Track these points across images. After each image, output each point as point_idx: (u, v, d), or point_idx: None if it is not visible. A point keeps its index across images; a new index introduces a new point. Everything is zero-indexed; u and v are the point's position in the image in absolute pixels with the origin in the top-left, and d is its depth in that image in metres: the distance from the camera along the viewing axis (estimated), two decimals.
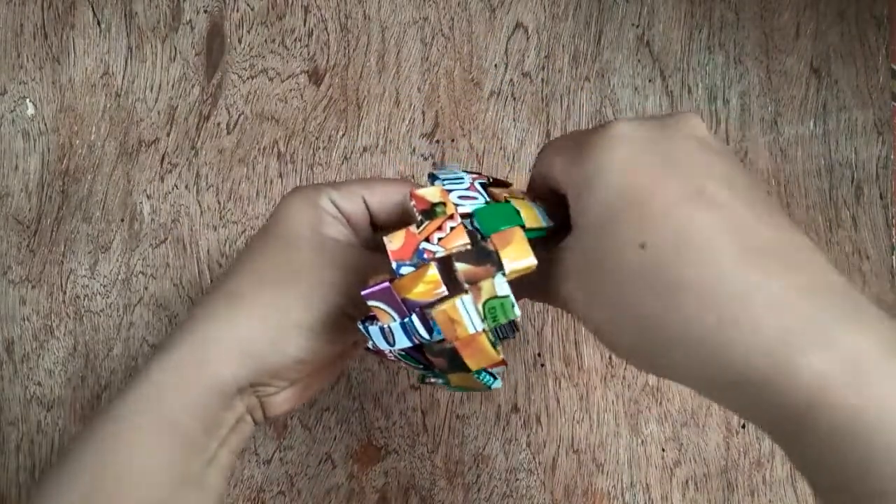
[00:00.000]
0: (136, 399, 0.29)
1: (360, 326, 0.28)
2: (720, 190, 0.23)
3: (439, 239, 0.26)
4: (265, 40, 0.47)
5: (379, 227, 0.33)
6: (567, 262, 0.26)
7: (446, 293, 0.26)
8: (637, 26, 0.47)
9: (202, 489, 0.30)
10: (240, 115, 0.47)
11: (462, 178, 0.29)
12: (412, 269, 0.26)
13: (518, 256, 0.26)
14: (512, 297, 0.25)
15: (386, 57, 0.47)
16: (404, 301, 0.26)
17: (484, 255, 0.26)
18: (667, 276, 0.22)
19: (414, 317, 0.26)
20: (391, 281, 0.26)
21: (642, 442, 0.44)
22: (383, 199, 0.32)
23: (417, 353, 0.29)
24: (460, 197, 0.28)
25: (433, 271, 0.26)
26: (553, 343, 0.45)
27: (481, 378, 0.28)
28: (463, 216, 0.27)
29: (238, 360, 0.29)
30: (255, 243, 0.32)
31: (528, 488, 0.45)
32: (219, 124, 0.47)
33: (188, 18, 0.47)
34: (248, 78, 0.47)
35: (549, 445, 0.45)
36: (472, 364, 0.26)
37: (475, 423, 0.45)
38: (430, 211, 0.27)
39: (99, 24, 0.47)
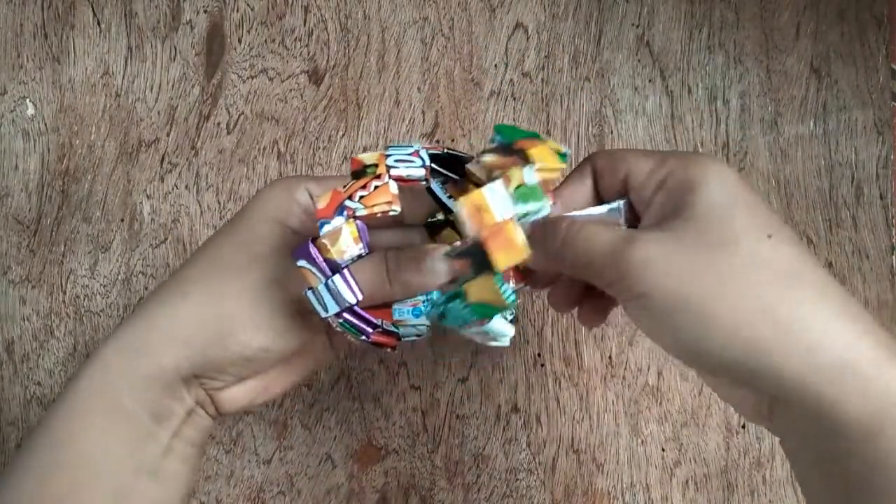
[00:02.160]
0: (87, 384, 0.29)
1: (304, 292, 0.28)
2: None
3: (361, 197, 0.26)
4: (265, 40, 0.47)
5: None
6: (662, 244, 0.26)
7: (364, 251, 0.26)
8: (637, 26, 0.47)
9: (159, 479, 0.29)
10: (240, 115, 0.47)
11: (410, 147, 0.29)
12: (331, 228, 0.26)
13: (546, 156, 0.25)
14: (540, 188, 0.25)
15: (386, 57, 0.47)
16: (326, 261, 0.26)
17: (510, 151, 0.26)
18: (787, 264, 0.25)
19: (337, 277, 0.26)
20: (315, 240, 0.26)
21: (642, 442, 0.45)
22: None
23: (357, 319, 0.28)
24: (397, 160, 0.27)
25: (351, 228, 0.25)
26: (553, 343, 0.45)
27: (503, 290, 0.27)
28: (398, 179, 0.27)
29: (179, 349, 0.29)
30: (222, 229, 0.32)
31: (528, 488, 0.45)
32: (219, 124, 0.47)
33: (188, 18, 0.47)
34: (248, 78, 0.47)
35: (549, 445, 0.45)
36: (500, 259, 0.25)
37: (475, 423, 0.45)
38: (361, 171, 0.27)
39: (99, 24, 0.47)
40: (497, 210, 0.25)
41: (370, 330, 0.29)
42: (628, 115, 0.46)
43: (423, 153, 0.28)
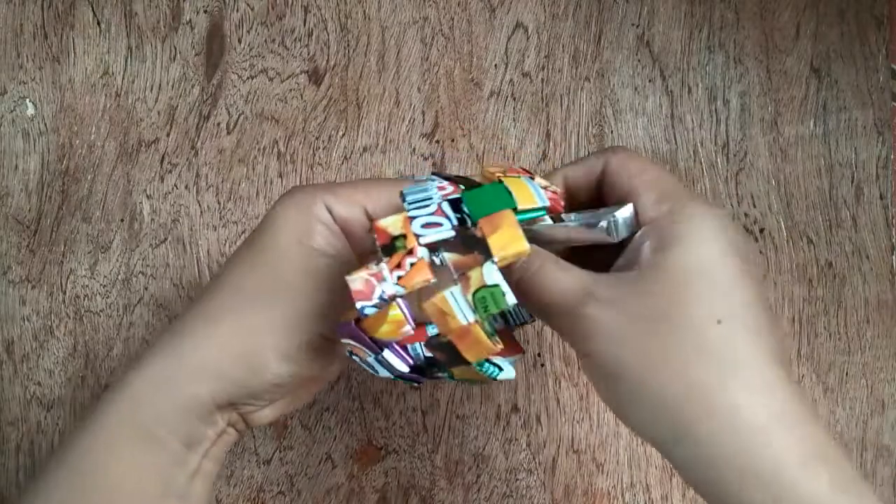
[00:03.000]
0: (115, 411, 0.29)
1: (349, 354, 0.27)
2: (771, 309, 0.26)
3: (399, 277, 0.25)
4: (265, 40, 0.47)
5: None
6: (615, 305, 0.26)
7: (412, 332, 0.25)
8: (637, 26, 0.47)
9: (186, 501, 0.30)
10: (240, 115, 0.47)
11: (430, 200, 0.27)
12: (375, 309, 0.25)
13: (507, 243, 0.25)
14: (503, 286, 0.25)
15: (386, 57, 0.47)
16: (373, 340, 0.26)
17: (472, 242, 0.26)
18: (731, 354, 0.25)
19: (387, 352, 0.26)
20: (357, 321, 0.25)
21: (642, 442, 0.44)
22: (384, 203, 0.31)
23: (414, 372, 0.28)
24: (424, 226, 0.26)
25: (395, 312, 0.25)
26: (553, 343, 0.45)
27: (484, 370, 0.28)
28: (428, 245, 0.26)
29: (213, 381, 0.29)
30: (240, 253, 0.31)
31: (528, 488, 0.45)
32: (219, 124, 0.47)
33: (188, 18, 0.47)
34: (248, 78, 0.47)
35: (549, 445, 0.45)
36: (470, 356, 0.26)
37: (475, 423, 0.45)
38: (391, 246, 0.26)
39: (99, 24, 0.47)
40: (459, 314, 0.25)
41: (423, 378, 0.29)
42: (628, 115, 0.46)
43: (446, 207, 0.27)
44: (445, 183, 0.28)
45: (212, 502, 0.32)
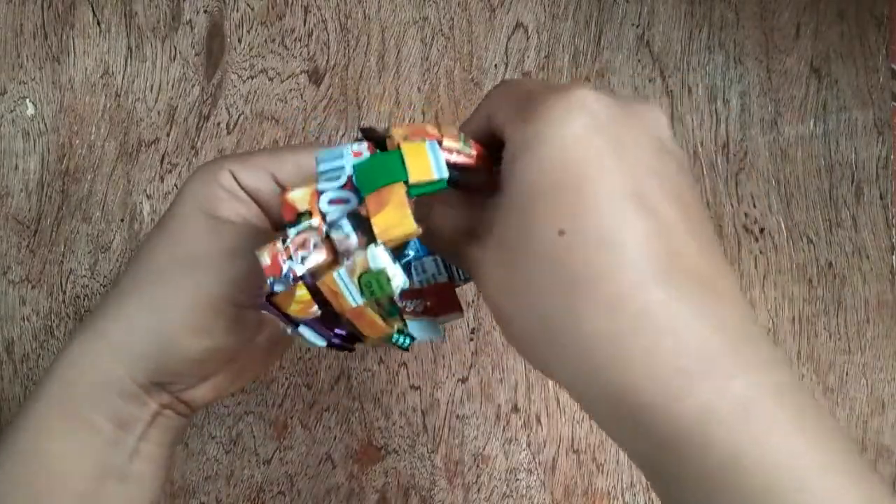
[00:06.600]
0: (44, 395, 0.29)
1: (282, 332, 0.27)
2: (663, 199, 0.21)
3: (303, 258, 0.24)
4: (265, 40, 0.47)
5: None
6: (487, 227, 0.23)
7: (319, 313, 0.24)
8: (637, 26, 0.47)
9: (127, 482, 0.29)
10: (240, 115, 0.47)
11: (342, 170, 0.25)
12: (283, 286, 0.24)
13: (393, 223, 0.23)
14: (390, 269, 0.23)
15: (386, 57, 0.47)
16: (287, 316, 0.25)
17: (359, 221, 0.24)
18: (577, 269, 0.20)
19: (302, 327, 0.25)
20: (270, 296, 0.25)
21: None
22: (294, 171, 0.29)
23: (339, 340, 0.27)
24: (331, 202, 0.25)
25: (301, 292, 0.24)
26: None
27: (393, 341, 0.27)
28: (331, 224, 0.25)
29: (128, 361, 0.28)
30: (153, 231, 0.30)
31: (528, 488, 0.45)
32: (219, 124, 0.47)
33: (188, 18, 0.47)
34: (248, 78, 0.47)
35: (549, 445, 0.45)
36: (370, 333, 0.25)
37: (475, 423, 0.45)
38: (297, 221, 0.25)
39: (99, 24, 0.47)
40: (349, 297, 0.24)
41: (351, 346, 0.28)
42: None
43: (356, 178, 0.25)
44: (364, 147, 0.26)
45: (160, 487, 0.31)
